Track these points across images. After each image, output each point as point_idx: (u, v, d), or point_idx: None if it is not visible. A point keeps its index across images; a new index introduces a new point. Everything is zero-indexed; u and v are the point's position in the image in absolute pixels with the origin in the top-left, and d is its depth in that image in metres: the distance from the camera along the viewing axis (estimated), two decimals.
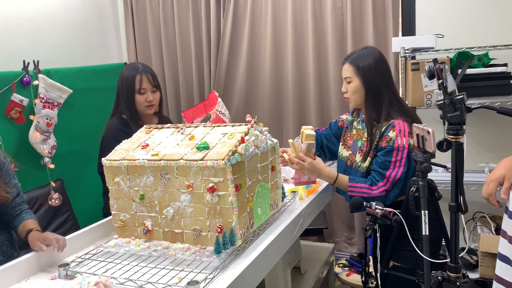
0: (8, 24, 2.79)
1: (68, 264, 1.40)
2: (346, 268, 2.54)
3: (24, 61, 2.62)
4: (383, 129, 1.89)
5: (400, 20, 3.10)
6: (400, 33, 3.10)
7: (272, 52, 3.37)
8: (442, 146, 1.36)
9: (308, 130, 1.92)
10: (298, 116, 3.39)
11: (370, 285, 2.04)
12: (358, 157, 1.97)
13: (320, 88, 3.30)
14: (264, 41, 3.40)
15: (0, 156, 1.73)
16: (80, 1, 3.35)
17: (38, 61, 2.70)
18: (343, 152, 2.10)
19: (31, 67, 2.65)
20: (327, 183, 2.11)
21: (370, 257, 2.05)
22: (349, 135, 2.11)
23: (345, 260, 2.57)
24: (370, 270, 2.04)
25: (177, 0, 3.58)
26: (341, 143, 2.14)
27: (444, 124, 1.38)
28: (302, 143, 1.93)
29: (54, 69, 2.80)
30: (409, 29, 3.09)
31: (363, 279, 2.03)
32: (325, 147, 2.25)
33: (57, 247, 1.45)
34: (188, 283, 1.22)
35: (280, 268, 1.81)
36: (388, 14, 3.07)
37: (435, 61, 1.37)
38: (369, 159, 1.94)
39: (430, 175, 1.65)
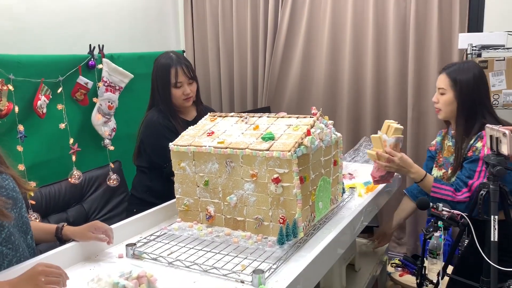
0: (76, 9, 2.89)
1: (134, 244, 1.45)
2: (399, 268, 2.48)
3: (90, 45, 2.71)
4: (471, 142, 1.84)
5: (467, 16, 2.96)
6: (466, 29, 2.96)
7: (329, 45, 3.31)
8: None
9: (394, 124, 1.81)
10: (352, 111, 3.33)
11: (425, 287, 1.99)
12: (450, 172, 1.92)
13: (378, 84, 3.22)
14: (321, 34, 3.34)
15: None
16: None
17: (103, 46, 2.79)
18: (436, 172, 2.02)
19: (96, 51, 2.74)
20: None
21: (425, 259, 2.00)
22: (440, 155, 2.04)
23: (399, 260, 2.51)
24: (425, 272, 1.98)
25: None
26: (434, 165, 2.06)
27: None
28: (389, 137, 1.81)
29: (117, 54, 2.88)
30: (476, 25, 2.95)
31: (418, 281, 1.98)
32: None
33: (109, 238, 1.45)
34: (254, 272, 1.22)
35: (336, 264, 1.79)
36: (455, 9, 2.94)
37: None
38: (458, 172, 1.88)
39: None
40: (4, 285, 1.09)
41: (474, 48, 2.67)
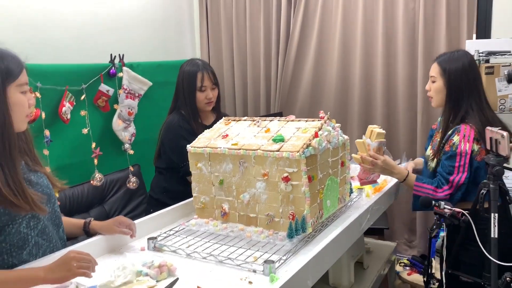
0: (97, 20, 3.04)
1: (155, 238, 1.56)
2: (407, 268, 2.55)
3: (111, 54, 2.86)
4: (449, 132, 1.92)
5: (475, 23, 3.03)
6: (474, 36, 3.03)
7: (340, 51, 3.40)
8: None
9: (377, 129, 1.96)
10: (363, 117, 3.41)
11: (432, 286, 2.05)
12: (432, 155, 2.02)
13: (388, 90, 3.30)
14: (332, 41, 3.44)
15: None
16: (160, 1, 3.58)
17: (123, 55, 2.93)
18: (429, 151, 2.12)
19: (116, 61, 2.88)
20: (393, 183, 2.15)
21: (433, 258, 2.06)
22: (437, 136, 2.14)
23: (407, 259, 2.58)
24: (432, 271, 2.05)
25: (250, 0, 3.71)
26: (430, 144, 2.16)
27: None
28: (372, 142, 1.96)
29: (137, 62, 3.03)
30: (484, 31, 3.02)
31: (425, 279, 2.05)
32: None
33: (132, 232, 1.56)
34: (265, 262, 1.33)
35: (345, 260, 1.88)
36: (463, 16, 3.02)
37: None
38: (435, 160, 1.98)
39: None
40: (40, 270, 1.22)
41: (481, 54, 2.75)
